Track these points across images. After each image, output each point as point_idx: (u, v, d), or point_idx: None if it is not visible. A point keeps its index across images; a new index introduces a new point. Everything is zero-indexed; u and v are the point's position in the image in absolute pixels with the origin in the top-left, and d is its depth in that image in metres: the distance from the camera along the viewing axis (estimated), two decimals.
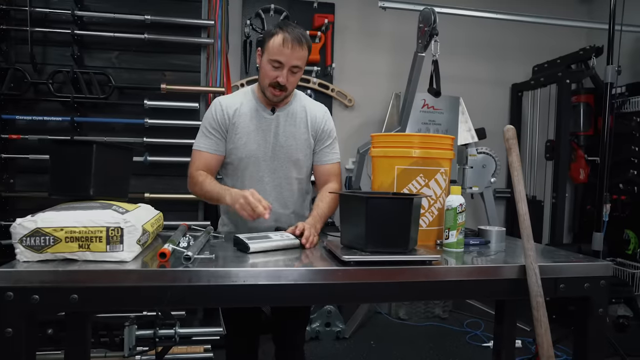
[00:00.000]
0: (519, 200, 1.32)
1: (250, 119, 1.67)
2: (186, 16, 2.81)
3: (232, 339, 1.76)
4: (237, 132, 1.65)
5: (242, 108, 1.68)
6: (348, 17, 3.80)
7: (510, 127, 1.37)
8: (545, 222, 3.79)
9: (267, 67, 1.58)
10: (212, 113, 1.67)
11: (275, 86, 1.59)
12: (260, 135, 1.66)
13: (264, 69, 1.60)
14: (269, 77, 1.59)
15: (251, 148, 1.65)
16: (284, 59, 1.55)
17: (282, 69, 1.57)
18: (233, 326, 1.74)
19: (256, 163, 1.66)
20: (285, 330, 1.83)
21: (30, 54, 2.60)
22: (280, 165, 1.68)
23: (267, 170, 1.68)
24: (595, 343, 1.37)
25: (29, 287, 1.04)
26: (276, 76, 1.57)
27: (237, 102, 1.69)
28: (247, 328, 1.72)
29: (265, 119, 1.68)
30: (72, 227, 1.10)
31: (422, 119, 3.44)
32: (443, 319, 3.49)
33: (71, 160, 1.23)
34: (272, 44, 1.56)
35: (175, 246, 1.24)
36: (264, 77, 1.61)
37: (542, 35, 4.01)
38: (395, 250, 1.26)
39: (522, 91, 4.05)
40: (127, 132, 2.76)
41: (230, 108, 1.67)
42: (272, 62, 1.57)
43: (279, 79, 1.57)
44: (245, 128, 1.66)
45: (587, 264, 1.36)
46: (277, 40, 1.55)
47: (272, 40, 1.56)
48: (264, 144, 1.67)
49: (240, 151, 1.66)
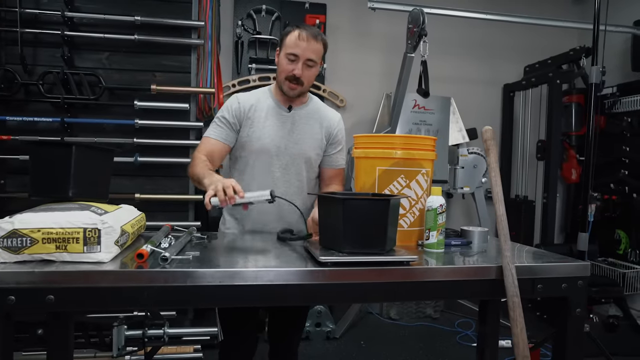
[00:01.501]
0: (496, 201, 1.34)
1: (266, 115, 1.72)
2: (176, 17, 2.82)
3: (227, 338, 1.74)
4: (252, 125, 1.71)
5: (259, 104, 1.73)
6: (340, 17, 3.82)
7: (489, 128, 1.38)
8: (536, 223, 3.80)
9: (284, 61, 1.66)
10: (228, 105, 1.73)
11: (291, 79, 1.66)
12: (274, 130, 1.71)
13: (280, 64, 1.68)
14: (285, 71, 1.66)
15: (265, 142, 1.69)
16: (300, 52, 1.63)
17: (297, 62, 1.64)
18: (229, 326, 1.73)
19: (268, 157, 1.70)
20: (281, 333, 1.85)
21: (20, 55, 2.61)
22: (292, 161, 1.73)
23: (278, 165, 1.71)
24: (574, 343, 1.38)
25: (4, 288, 1.04)
26: (292, 69, 1.64)
27: (254, 98, 1.75)
28: (243, 328, 1.71)
29: (282, 115, 1.74)
30: (49, 228, 1.11)
31: (413, 119, 3.45)
32: (434, 319, 3.50)
33: (51, 161, 1.24)
34: (288, 39, 1.65)
35: (155, 247, 1.25)
36: (280, 72, 1.68)
37: (534, 35, 4.03)
38: (372, 251, 1.27)
39: (514, 91, 4.06)
40: (118, 132, 2.77)
41: (247, 102, 1.73)
42: (288, 56, 1.64)
43: (294, 71, 1.64)
44: (260, 122, 1.71)
45: (564, 264, 1.37)
46: (293, 35, 1.64)
47: (289, 36, 1.66)
48: (277, 139, 1.71)
49: (254, 144, 1.70)
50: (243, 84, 3.62)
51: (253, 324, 1.75)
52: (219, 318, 1.72)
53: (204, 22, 2.93)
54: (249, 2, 3.63)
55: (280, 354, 1.86)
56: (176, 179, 2.90)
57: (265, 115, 1.72)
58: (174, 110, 2.83)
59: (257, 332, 1.80)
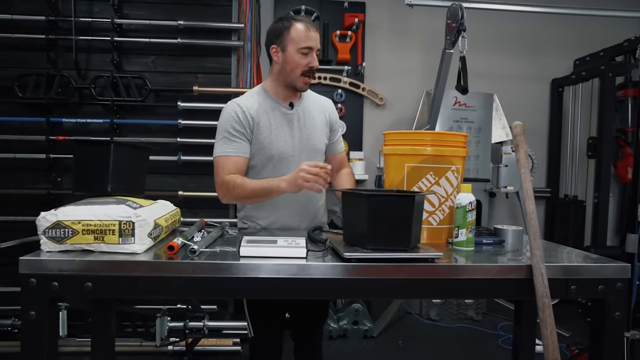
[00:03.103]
0: (526, 198, 1.30)
1: (272, 117, 1.65)
2: (217, 20, 2.92)
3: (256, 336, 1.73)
4: (261, 131, 1.62)
5: (261, 107, 1.65)
6: (379, 15, 3.79)
7: (518, 123, 1.34)
8: (587, 224, 3.61)
9: (297, 56, 1.59)
10: (234, 116, 1.61)
11: (308, 73, 1.61)
12: (285, 131, 1.66)
13: (293, 61, 1.59)
14: (300, 66, 1.60)
15: (279, 145, 1.64)
16: (313, 44, 1.59)
17: (311, 53, 1.60)
18: (258, 323, 1.72)
19: (285, 160, 1.65)
20: (304, 329, 1.84)
21: (75, 60, 2.79)
22: (307, 158, 1.66)
23: (295, 166, 1.61)
24: (611, 348, 1.32)
25: (49, 275, 1.14)
26: (308, 62, 1.59)
27: (254, 101, 1.66)
28: (271, 324, 1.70)
29: (286, 114, 1.68)
30: (89, 220, 1.19)
31: (453, 116, 3.38)
32: (476, 321, 3.41)
33: (91, 159, 1.33)
34: (295, 33, 1.58)
35: (187, 240, 1.31)
36: (294, 69, 1.60)
37: (584, 26, 3.83)
38: (397, 247, 1.27)
39: (563, 86, 3.87)
40: (162, 132, 2.90)
41: (251, 108, 1.62)
42: (301, 51, 1.58)
43: (312, 64, 1.60)
44: (268, 127, 1.63)
45: (601, 265, 1.31)
46: (299, 29, 1.58)
47: (292, 30, 1.58)
48: (290, 140, 1.66)
49: (268, 150, 1.63)
50: None
51: (279, 320, 1.73)
52: (248, 315, 1.71)
53: (244, 24, 3.01)
54: (289, 2, 3.68)
55: (305, 349, 1.85)
56: None
57: (270, 118, 1.65)
58: (215, 110, 2.92)
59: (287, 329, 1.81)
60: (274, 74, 1.68)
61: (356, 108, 3.80)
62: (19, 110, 2.82)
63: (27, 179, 2.85)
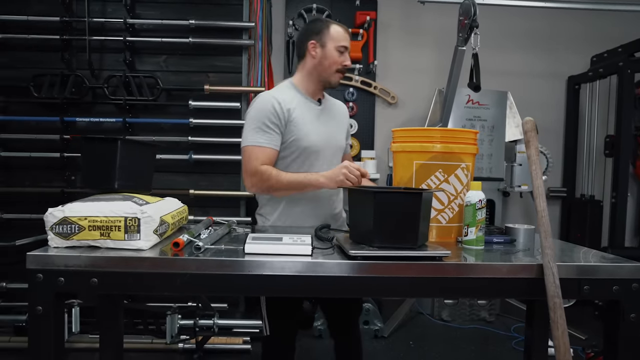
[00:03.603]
0: (537, 196, 1.26)
1: (304, 111, 1.70)
2: (228, 19, 2.93)
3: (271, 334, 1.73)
4: (296, 124, 1.65)
5: (293, 101, 1.69)
6: (390, 13, 3.76)
7: (529, 119, 1.31)
8: (604, 224, 3.53)
9: (335, 54, 1.68)
10: (270, 108, 1.63)
11: (342, 71, 1.71)
12: (315, 125, 1.71)
13: (331, 57, 1.68)
14: (337, 63, 1.69)
15: (313, 138, 1.68)
16: (348, 44, 1.71)
17: (346, 53, 1.70)
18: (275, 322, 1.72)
19: (315, 154, 1.70)
20: (340, 324, 1.86)
21: (88, 60, 2.83)
22: (333, 154, 1.76)
23: (325, 160, 1.71)
24: (627, 351, 1.28)
25: (55, 270, 1.14)
26: (343, 61, 1.69)
27: (288, 95, 1.70)
28: (288, 322, 1.72)
29: (316, 109, 1.74)
30: (95, 216, 1.20)
31: (466, 115, 3.34)
32: (489, 322, 3.36)
33: (99, 156, 1.34)
34: (334, 32, 1.68)
35: (192, 237, 1.31)
36: (331, 65, 1.68)
37: (601, 22, 3.74)
38: (403, 245, 1.25)
39: (580, 83, 3.79)
40: (174, 131, 2.92)
41: (286, 102, 1.66)
42: (339, 48, 1.68)
43: (346, 62, 1.70)
44: (302, 119, 1.67)
45: (615, 265, 1.27)
46: (338, 28, 1.69)
47: (331, 29, 1.69)
48: (319, 134, 1.71)
49: (301, 142, 1.66)
50: None
51: (296, 319, 1.74)
52: (265, 312, 1.71)
53: (254, 23, 3.01)
54: (300, 1, 3.67)
55: (345, 346, 1.88)
56: (228, 175, 3.01)
57: (304, 112, 1.69)
58: (226, 109, 2.94)
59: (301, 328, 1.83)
60: (307, 69, 1.73)
61: (368, 107, 3.77)
62: (34, 110, 2.87)
63: (42, 178, 2.90)
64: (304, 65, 1.74)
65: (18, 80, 2.81)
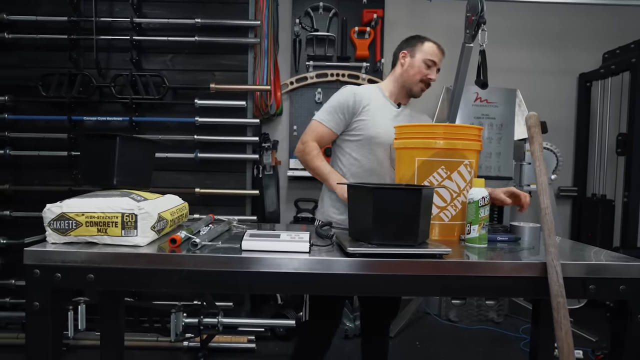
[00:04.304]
0: (541, 192, 1.23)
1: (380, 107, 1.85)
2: (234, 17, 2.92)
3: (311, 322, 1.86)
4: (368, 115, 1.82)
5: (372, 97, 1.86)
6: (398, 11, 3.73)
7: (533, 114, 1.28)
8: (616, 224, 3.46)
9: (422, 65, 1.84)
10: (347, 96, 1.83)
11: (426, 82, 1.86)
12: (386, 121, 1.83)
13: (416, 67, 1.84)
14: (421, 74, 1.84)
15: (377, 130, 1.81)
16: (437, 60, 1.86)
17: (433, 68, 1.86)
18: (314, 311, 1.84)
19: (378, 145, 1.81)
20: (373, 323, 1.98)
21: (95, 60, 2.85)
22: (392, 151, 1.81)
23: (386, 155, 1.82)
24: (633, 353, 1.24)
25: (52, 266, 1.14)
26: (428, 74, 1.85)
27: (368, 92, 1.88)
28: (327, 315, 1.81)
29: (393, 110, 1.88)
30: (92, 212, 1.20)
31: (474, 113, 3.29)
32: (497, 323, 3.31)
33: (98, 152, 1.33)
34: (427, 47, 1.86)
35: (191, 234, 1.30)
36: (416, 74, 1.84)
37: (613, 18, 3.66)
38: (403, 243, 1.23)
39: (591, 81, 3.72)
40: (180, 130, 2.93)
41: (364, 95, 1.84)
42: (427, 62, 1.84)
43: (430, 76, 1.85)
44: (374, 112, 1.83)
45: (622, 264, 1.23)
46: (432, 45, 1.87)
47: (426, 44, 1.87)
48: (387, 129, 1.79)
49: (371, 131, 1.81)
50: (301, 81, 3.67)
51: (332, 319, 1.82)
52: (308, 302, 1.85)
53: (260, 21, 3.00)
54: (307, 0, 3.66)
55: (372, 343, 1.97)
56: (234, 174, 3.01)
57: (377, 108, 1.84)
58: (231, 107, 2.94)
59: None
60: (395, 75, 1.91)
61: None
62: (43, 109, 2.89)
63: (50, 176, 2.92)
64: (394, 72, 1.92)
65: (27, 79, 2.84)
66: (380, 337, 2.01)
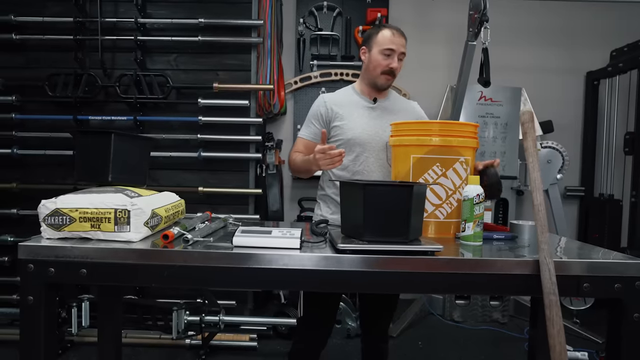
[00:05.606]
0: (534, 189, 1.22)
1: (354, 108, 1.84)
2: (237, 17, 2.93)
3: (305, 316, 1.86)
4: (342, 119, 1.82)
5: (344, 100, 1.87)
6: (401, 10, 3.72)
7: (527, 110, 1.27)
8: (624, 224, 3.40)
9: (379, 57, 1.78)
10: (317, 107, 1.87)
11: (388, 73, 1.80)
12: (364, 120, 1.82)
13: (375, 60, 1.79)
14: (381, 66, 1.79)
15: (355, 131, 1.80)
16: (395, 47, 1.77)
17: (393, 56, 1.78)
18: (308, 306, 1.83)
19: (361, 145, 1.79)
20: (372, 316, 1.94)
21: (100, 60, 2.88)
22: (373, 148, 1.80)
23: (371, 152, 1.80)
24: (629, 352, 1.22)
25: (45, 261, 1.16)
26: (388, 63, 1.78)
27: (341, 95, 1.90)
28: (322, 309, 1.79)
29: (368, 107, 1.86)
30: (85, 208, 1.21)
31: (479, 111, 3.27)
32: (502, 324, 3.28)
33: (93, 149, 1.35)
34: (381, 37, 1.78)
35: (185, 230, 1.31)
36: (375, 67, 1.80)
37: (621, 15, 3.61)
38: (394, 239, 1.22)
39: (599, 79, 3.67)
40: (184, 129, 2.95)
41: (334, 101, 1.86)
42: (383, 52, 1.77)
43: (391, 65, 1.78)
44: (348, 115, 1.82)
45: (617, 262, 1.22)
46: (386, 33, 1.78)
47: (379, 34, 1.79)
48: (368, 128, 1.80)
49: (347, 134, 1.80)
50: (305, 80, 3.67)
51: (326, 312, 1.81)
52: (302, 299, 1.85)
53: (263, 20, 3.01)
54: None
55: (372, 336, 1.95)
56: (237, 173, 3.02)
57: (352, 109, 1.84)
58: (235, 107, 2.95)
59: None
60: (361, 73, 1.90)
61: None
62: (49, 109, 2.94)
63: (56, 175, 2.96)
64: (362, 69, 1.90)
65: (34, 79, 2.89)
66: (379, 337, 1.99)
